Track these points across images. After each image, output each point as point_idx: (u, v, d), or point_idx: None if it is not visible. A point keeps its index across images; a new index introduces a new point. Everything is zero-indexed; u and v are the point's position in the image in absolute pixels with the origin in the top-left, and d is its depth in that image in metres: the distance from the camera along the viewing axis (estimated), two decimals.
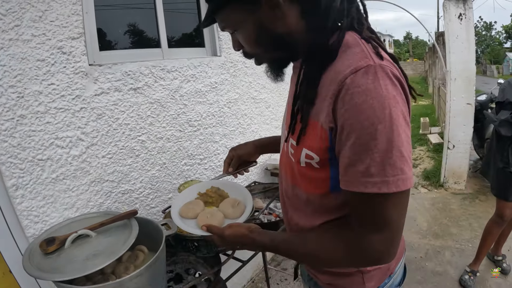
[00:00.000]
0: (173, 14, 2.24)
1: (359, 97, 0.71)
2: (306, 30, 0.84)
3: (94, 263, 1.08)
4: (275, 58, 0.94)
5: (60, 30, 1.51)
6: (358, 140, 0.72)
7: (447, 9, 4.36)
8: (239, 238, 1.00)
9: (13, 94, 1.37)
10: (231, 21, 0.88)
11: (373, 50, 0.77)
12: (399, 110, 0.72)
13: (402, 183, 0.72)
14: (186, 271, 1.61)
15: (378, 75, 0.71)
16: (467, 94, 4.48)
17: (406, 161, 0.72)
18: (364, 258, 0.81)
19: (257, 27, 0.84)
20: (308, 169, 0.89)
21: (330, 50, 0.80)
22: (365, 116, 0.70)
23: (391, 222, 0.76)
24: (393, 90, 0.72)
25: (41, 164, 1.48)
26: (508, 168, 2.44)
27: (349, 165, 0.75)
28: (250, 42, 0.89)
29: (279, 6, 0.80)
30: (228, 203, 1.31)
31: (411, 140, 0.77)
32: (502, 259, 2.96)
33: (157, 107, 1.99)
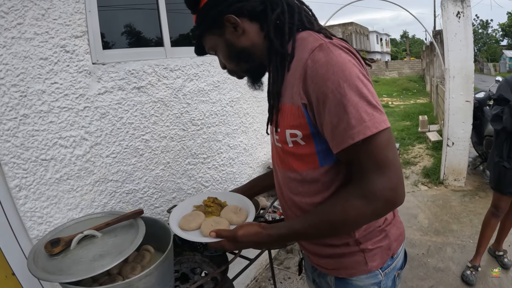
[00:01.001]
0: (176, 13, 2.23)
1: (321, 69, 0.84)
2: (266, 40, 1.00)
3: (101, 263, 1.07)
4: (248, 69, 1.10)
5: (63, 29, 1.50)
6: (333, 102, 0.83)
7: (445, 7, 4.37)
8: (253, 236, 0.99)
9: (16, 93, 1.36)
10: (210, 45, 1.09)
11: (323, 35, 0.93)
12: (357, 69, 0.85)
13: (379, 123, 0.82)
14: (192, 270, 1.60)
15: (330, 48, 0.86)
16: (466, 91, 4.49)
17: (376, 108, 0.83)
18: (381, 202, 0.84)
19: (226, 45, 1.04)
20: (296, 148, 0.98)
21: (286, 53, 0.95)
22: (331, 80, 0.83)
23: (388, 160, 0.84)
24: (346, 56, 0.86)
25: (45, 164, 1.46)
26: (502, 162, 2.50)
27: (333, 129, 0.85)
28: (226, 59, 1.08)
29: (239, 25, 0.99)
30: (229, 210, 1.28)
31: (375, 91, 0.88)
32: (503, 254, 2.99)
33: (161, 106, 1.98)
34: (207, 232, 1.11)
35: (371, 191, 0.83)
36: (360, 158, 0.85)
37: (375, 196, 0.83)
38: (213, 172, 2.43)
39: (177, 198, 2.14)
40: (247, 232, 1.00)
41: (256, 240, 0.99)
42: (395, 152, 0.86)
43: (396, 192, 0.84)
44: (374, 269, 1.03)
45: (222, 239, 1.05)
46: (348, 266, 1.04)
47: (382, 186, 0.83)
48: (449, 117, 4.61)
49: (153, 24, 2.13)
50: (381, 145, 0.83)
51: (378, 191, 0.83)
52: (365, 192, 0.84)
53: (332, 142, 0.87)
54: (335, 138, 0.85)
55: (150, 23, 2.14)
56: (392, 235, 1.06)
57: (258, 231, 0.99)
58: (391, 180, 0.83)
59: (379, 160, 0.83)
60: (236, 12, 0.98)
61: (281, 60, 0.97)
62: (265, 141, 2.98)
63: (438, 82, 8.79)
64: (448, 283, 2.80)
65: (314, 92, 0.86)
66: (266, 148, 3.03)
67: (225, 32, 1.02)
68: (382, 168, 0.83)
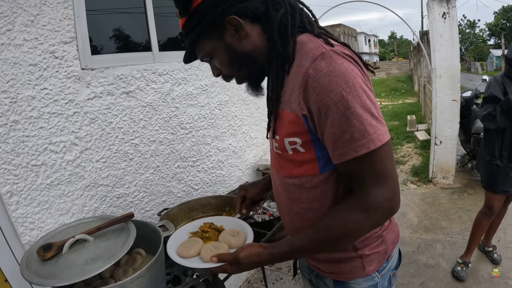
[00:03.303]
0: (163, 18, 2.24)
1: (324, 79, 0.82)
2: (268, 42, 0.95)
3: (93, 267, 1.08)
4: (250, 74, 1.04)
5: (52, 35, 1.51)
6: (336, 114, 0.81)
7: (431, 8, 4.44)
8: (255, 257, 0.98)
9: (5, 99, 1.36)
10: (206, 50, 0.99)
11: (324, 42, 0.89)
12: (360, 80, 0.83)
13: (382, 136, 0.82)
14: (183, 272, 1.61)
15: (332, 57, 0.83)
16: (453, 90, 4.56)
17: (378, 120, 0.83)
18: (380, 213, 0.87)
19: (227, 49, 0.96)
20: (296, 155, 0.97)
21: (287, 54, 0.92)
22: (335, 92, 0.80)
23: (387, 172, 0.85)
24: (349, 65, 0.83)
25: (36, 170, 1.47)
26: (494, 160, 2.51)
27: (335, 140, 0.84)
28: (225, 64, 1.00)
29: (242, 27, 0.92)
30: (227, 233, 1.27)
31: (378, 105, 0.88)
32: (492, 250, 3.02)
33: (150, 110, 1.99)
34: (207, 258, 1.09)
35: (371, 203, 0.85)
36: (361, 170, 0.85)
37: (375, 208, 0.85)
38: (203, 175, 2.45)
39: (167, 201, 2.15)
40: (249, 253, 0.99)
41: (258, 261, 0.99)
42: (393, 162, 0.88)
43: (394, 202, 0.87)
44: (371, 272, 1.04)
45: (224, 263, 1.03)
46: (347, 270, 1.05)
47: (382, 197, 0.85)
48: (437, 116, 4.68)
49: (141, 29, 2.14)
50: (382, 157, 0.83)
51: (378, 203, 0.85)
52: (366, 205, 0.86)
53: (333, 153, 0.86)
54: (337, 149, 0.84)
55: (138, 28, 2.16)
56: (388, 240, 1.07)
57: (260, 251, 0.98)
58: (389, 191, 0.85)
59: (379, 172, 0.84)
60: (239, 13, 0.92)
61: (281, 63, 0.93)
62: (253, 143, 3.01)
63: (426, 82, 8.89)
64: (439, 279, 2.84)
65: (316, 103, 0.84)
66: (255, 151, 3.06)
67: (225, 35, 0.95)
68: (381, 180, 0.84)
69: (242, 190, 1.40)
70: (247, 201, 1.38)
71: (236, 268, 1.02)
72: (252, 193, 1.38)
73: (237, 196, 1.42)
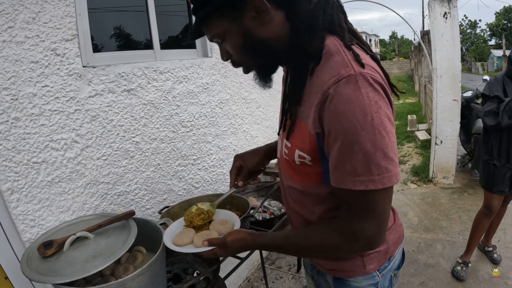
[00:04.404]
0: (165, 16, 2.25)
1: (342, 105, 0.75)
2: (291, 33, 0.86)
3: (94, 264, 1.08)
4: (262, 64, 0.95)
5: (53, 32, 1.50)
6: (344, 144, 0.77)
7: (432, 8, 4.44)
8: (241, 241, 1.03)
9: (7, 97, 1.36)
10: (218, 30, 0.88)
11: (353, 57, 0.80)
12: (382, 114, 0.76)
13: (388, 180, 0.78)
14: (184, 270, 1.61)
15: (359, 83, 0.75)
16: (453, 90, 4.56)
17: (391, 160, 0.78)
18: (358, 244, 0.87)
19: (243, 33, 0.85)
20: (303, 166, 0.95)
21: (312, 52, 0.84)
22: (349, 123, 0.75)
23: (378, 213, 0.83)
24: (374, 96, 0.76)
25: (36, 167, 1.47)
26: (492, 160, 2.52)
27: (337, 165, 0.81)
28: (237, 50, 0.90)
29: (268, 11, 0.81)
30: (216, 223, 1.31)
31: (395, 138, 0.82)
32: (492, 249, 3.03)
33: (151, 108, 1.99)
34: (199, 244, 1.14)
35: (353, 233, 0.85)
36: (353, 202, 0.83)
37: (355, 239, 0.86)
38: (203, 173, 2.45)
39: (168, 199, 2.15)
40: (235, 238, 1.03)
41: (243, 245, 1.03)
42: (390, 203, 0.85)
43: (376, 240, 0.86)
44: (371, 271, 1.04)
45: (214, 247, 1.07)
46: (347, 268, 1.06)
47: (365, 232, 0.84)
48: (437, 116, 4.68)
49: (143, 27, 2.14)
50: (378, 199, 0.81)
51: (360, 236, 0.85)
52: (347, 232, 0.86)
53: (332, 175, 0.84)
54: (337, 174, 0.82)
55: (140, 26, 2.16)
56: (391, 240, 1.06)
57: (245, 237, 1.03)
58: (375, 229, 0.84)
59: (371, 209, 0.82)
60: None
61: (305, 61, 0.86)
62: (254, 142, 3.00)
63: (426, 81, 8.88)
64: (439, 279, 2.84)
65: (328, 125, 0.79)
66: None
67: (244, 17, 0.83)
68: (370, 217, 0.83)
69: (239, 160, 1.29)
70: (245, 171, 1.27)
71: (224, 251, 1.05)
72: (251, 163, 1.28)
73: (232, 167, 1.31)
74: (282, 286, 2.91)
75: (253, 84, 1.07)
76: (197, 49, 2.46)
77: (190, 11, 2.47)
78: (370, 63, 0.82)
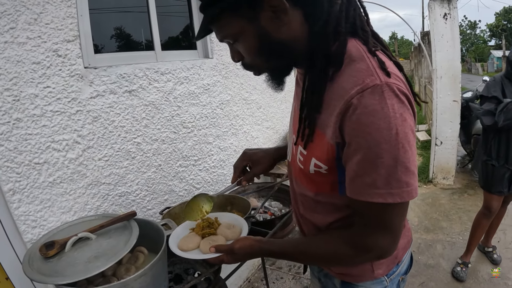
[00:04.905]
0: (166, 17, 2.25)
1: (366, 117, 0.72)
2: (309, 35, 0.81)
3: (96, 265, 1.08)
4: (277, 67, 0.90)
5: (55, 33, 1.51)
6: (365, 157, 0.74)
7: (432, 9, 4.44)
8: (248, 249, 1.01)
9: (9, 97, 1.36)
10: (231, 31, 0.82)
11: (378, 65, 0.76)
12: (407, 127, 0.73)
13: (407, 194, 0.75)
14: (185, 271, 1.62)
15: (384, 94, 0.71)
16: (453, 91, 4.56)
17: (412, 174, 0.75)
18: (370, 256, 0.87)
19: (259, 35, 0.80)
20: (317, 176, 0.92)
21: (333, 57, 0.79)
22: (372, 136, 0.72)
23: (394, 226, 0.82)
24: (400, 108, 0.72)
25: (38, 168, 1.47)
26: (491, 161, 2.53)
27: (355, 177, 0.78)
28: (252, 52, 0.84)
29: (286, 10, 0.76)
30: (223, 227, 1.31)
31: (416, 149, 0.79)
32: (492, 250, 3.04)
33: (152, 109, 1.99)
34: (206, 249, 1.13)
35: (365, 246, 0.84)
36: (369, 214, 0.82)
37: (368, 251, 0.85)
38: (204, 174, 2.45)
39: (169, 200, 2.16)
40: (243, 245, 1.02)
41: (250, 252, 1.01)
42: (404, 219, 0.85)
43: (389, 252, 0.86)
44: (380, 276, 1.04)
45: (221, 253, 1.06)
46: (355, 272, 1.05)
47: (379, 244, 0.83)
48: (437, 116, 4.68)
49: (144, 28, 2.15)
50: (395, 213, 0.80)
51: (372, 248, 0.84)
52: (360, 244, 0.85)
53: (349, 186, 0.81)
54: (354, 185, 0.79)
55: (141, 27, 2.16)
56: (400, 245, 0.99)
57: (252, 244, 1.01)
58: (388, 241, 0.83)
59: (386, 223, 0.81)
60: None
61: (326, 65, 0.80)
62: (255, 143, 3.01)
63: (426, 82, 8.88)
64: (439, 279, 2.85)
65: (348, 136, 0.76)
66: None
67: (260, 17, 0.78)
68: (385, 230, 0.82)
69: (247, 161, 1.26)
70: (251, 174, 1.25)
71: (231, 258, 1.05)
72: (259, 169, 1.25)
73: (238, 162, 1.27)
74: (282, 286, 2.91)
75: (254, 85, 1.08)
76: (198, 50, 2.46)
77: (190, 12, 2.47)
78: (395, 72, 0.78)
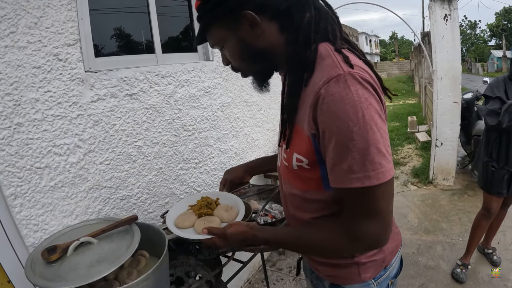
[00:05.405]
0: (166, 20, 2.25)
1: (333, 104, 0.78)
2: (285, 44, 0.91)
3: (98, 270, 1.08)
4: (259, 71, 1.02)
5: (55, 37, 1.51)
6: (338, 142, 0.79)
7: (433, 10, 4.44)
8: (241, 235, 1.03)
9: (9, 102, 1.36)
10: (217, 39, 0.97)
11: (343, 59, 0.83)
12: (373, 110, 0.79)
13: (383, 175, 0.79)
14: (186, 274, 1.62)
15: (348, 82, 0.78)
16: (454, 92, 4.56)
17: (384, 155, 0.79)
18: (361, 244, 0.88)
19: (239, 43, 0.93)
20: (301, 171, 0.97)
21: (307, 62, 0.87)
22: (341, 121, 0.77)
23: (380, 210, 0.83)
24: (364, 94, 0.78)
25: (39, 172, 1.47)
26: (491, 162, 2.52)
27: (334, 165, 0.83)
28: (235, 58, 0.98)
29: (258, 24, 0.88)
30: (221, 208, 1.33)
31: (388, 134, 0.84)
32: (492, 252, 3.03)
33: (153, 113, 2.00)
34: (200, 230, 1.16)
35: (355, 234, 0.86)
36: (353, 201, 0.85)
37: (358, 239, 0.86)
38: (205, 176, 2.45)
39: (170, 203, 2.16)
40: (235, 230, 1.04)
41: (243, 238, 1.03)
42: (391, 203, 0.86)
43: (379, 240, 0.87)
44: (367, 279, 1.05)
45: (213, 236, 1.09)
46: (342, 275, 1.07)
47: (367, 232, 0.85)
48: (437, 117, 4.68)
49: (145, 31, 2.15)
50: (377, 196, 0.82)
51: (362, 236, 0.85)
52: (350, 233, 0.87)
53: (331, 176, 0.86)
54: (334, 174, 0.84)
55: (141, 30, 2.16)
56: (387, 249, 1.06)
57: (246, 230, 1.03)
58: (377, 228, 0.85)
59: (371, 208, 0.83)
60: (256, 8, 0.86)
61: (301, 71, 0.89)
62: (255, 145, 3.01)
63: (426, 83, 8.88)
64: (439, 280, 2.85)
65: (322, 125, 0.82)
66: (257, 152, 3.06)
67: (239, 29, 0.90)
68: (372, 216, 0.84)
69: (225, 175, 1.46)
70: (228, 184, 1.43)
71: (223, 242, 1.07)
72: (232, 176, 1.44)
73: (222, 179, 1.47)
74: None
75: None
76: (198, 53, 2.47)
77: (190, 12, 2.48)
78: (360, 65, 0.85)
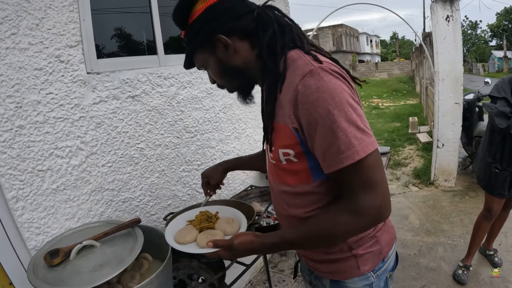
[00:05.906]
0: (169, 21, 2.24)
1: (312, 95, 0.88)
2: (258, 58, 1.03)
3: (101, 274, 1.08)
4: (240, 85, 1.13)
5: (57, 38, 1.50)
6: (323, 128, 0.87)
7: (435, 11, 4.43)
8: (248, 245, 1.03)
9: (11, 104, 1.36)
10: (201, 62, 1.11)
11: (312, 58, 0.94)
12: (347, 94, 0.88)
13: (367, 147, 0.87)
14: (189, 277, 1.61)
15: (320, 74, 0.89)
16: (455, 93, 4.55)
17: (364, 131, 0.88)
18: (366, 218, 0.91)
19: (218, 63, 1.06)
20: (290, 165, 1.02)
21: (279, 72, 0.97)
22: (322, 107, 0.86)
23: (375, 180, 0.89)
24: (336, 81, 0.89)
25: (41, 175, 1.47)
26: (495, 163, 2.50)
27: (324, 152, 0.90)
28: (217, 76, 1.11)
29: (230, 45, 1.00)
30: (222, 222, 1.32)
31: (363, 113, 0.93)
32: (493, 253, 3.02)
33: (155, 114, 1.99)
34: (203, 244, 1.14)
35: (359, 208, 0.90)
36: (349, 178, 0.90)
37: (362, 213, 0.90)
38: None
39: (172, 205, 2.15)
40: (243, 240, 1.04)
41: (250, 248, 1.03)
42: (382, 171, 0.92)
43: (382, 209, 0.91)
44: (366, 272, 1.08)
45: (219, 248, 1.08)
46: (342, 270, 1.10)
47: (369, 204, 0.89)
48: (439, 119, 4.67)
49: (147, 32, 2.14)
50: (369, 166, 0.88)
51: (366, 209, 0.89)
52: (353, 209, 0.90)
53: (323, 163, 0.92)
54: (326, 160, 0.90)
55: (144, 31, 2.15)
56: (383, 241, 1.11)
57: (253, 240, 1.03)
58: (377, 198, 0.89)
59: (367, 180, 0.89)
60: (227, 32, 1.00)
61: (274, 81, 0.99)
62: (257, 146, 3.00)
63: (428, 83, 8.88)
64: (440, 282, 2.84)
65: (305, 117, 0.90)
66: None
67: (216, 51, 1.03)
68: (369, 187, 0.89)
69: (205, 178, 1.55)
70: (212, 186, 1.54)
71: (230, 254, 1.07)
72: (215, 179, 1.53)
73: (202, 183, 1.56)
74: None
75: (256, 88, 1.13)
76: None
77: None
78: (328, 61, 0.96)
